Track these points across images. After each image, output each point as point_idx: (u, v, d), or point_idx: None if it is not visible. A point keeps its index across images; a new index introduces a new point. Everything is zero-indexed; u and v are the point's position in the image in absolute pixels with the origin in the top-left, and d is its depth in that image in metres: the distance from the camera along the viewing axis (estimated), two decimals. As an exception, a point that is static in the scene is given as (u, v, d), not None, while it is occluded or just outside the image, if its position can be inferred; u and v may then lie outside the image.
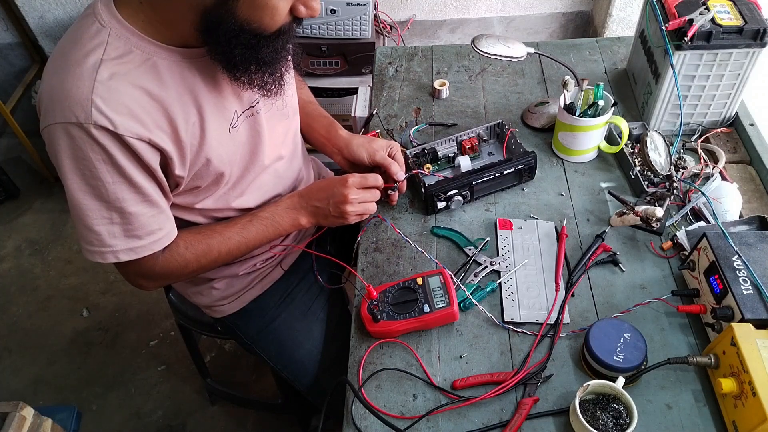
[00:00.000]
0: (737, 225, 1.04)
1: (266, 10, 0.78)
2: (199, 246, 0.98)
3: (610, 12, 2.19)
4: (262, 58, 0.84)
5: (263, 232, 1.02)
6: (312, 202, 1.03)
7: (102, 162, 0.81)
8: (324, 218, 1.03)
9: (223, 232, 1.00)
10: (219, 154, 0.92)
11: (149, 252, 0.91)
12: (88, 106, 0.78)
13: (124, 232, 0.88)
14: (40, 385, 1.91)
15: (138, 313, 2.08)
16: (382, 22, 2.23)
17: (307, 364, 1.20)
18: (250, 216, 1.02)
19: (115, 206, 0.85)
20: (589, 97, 1.16)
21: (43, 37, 2.30)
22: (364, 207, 1.01)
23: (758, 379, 0.77)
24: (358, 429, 0.87)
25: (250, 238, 1.01)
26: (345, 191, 0.99)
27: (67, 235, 2.33)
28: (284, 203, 1.04)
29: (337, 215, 1.01)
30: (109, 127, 0.79)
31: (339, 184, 1.00)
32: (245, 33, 0.79)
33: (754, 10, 1.11)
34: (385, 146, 1.12)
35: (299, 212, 1.03)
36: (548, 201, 1.16)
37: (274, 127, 1.03)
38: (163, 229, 0.92)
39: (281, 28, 0.82)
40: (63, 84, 0.79)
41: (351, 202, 0.99)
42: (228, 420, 1.80)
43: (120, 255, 0.89)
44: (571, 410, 0.84)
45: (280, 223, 1.03)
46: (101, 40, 0.80)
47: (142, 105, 0.82)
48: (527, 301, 1.00)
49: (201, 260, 0.99)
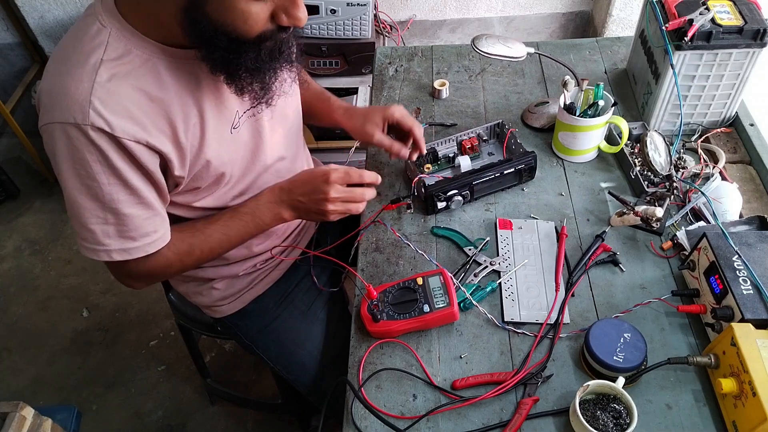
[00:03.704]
0: (737, 225, 1.04)
1: (236, 13, 0.75)
2: (180, 245, 0.96)
3: (610, 12, 2.19)
4: (244, 63, 0.82)
5: (245, 227, 0.99)
6: (294, 196, 0.98)
7: (98, 163, 0.81)
8: (306, 214, 1.00)
9: (204, 230, 0.98)
10: (220, 155, 0.92)
11: (143, 253, 0.90)
12: (86, 107, 0.78)
13: (118, 233, 0.87)
14: (40, 385, 1.91)
15: (138, 313, 2.08)
16: (382, 22, 2.23)
17: (307, 364, 1.20)
18: (231, 212, 0.99)
19: (110, 207, 0.85)
20: (589, 97, 1.16)
21: (43, 37, 2.30)
22: (345, 207, 0.96)
23: (758, 379, 0.77)
24: (358, 429, 0.87)
25: (232, 235, 0.99)
26: (326, 188, 0.94)
27: (67, 235, 2.33)
28: (265, 197, 1.00)
29: (317, 213, 0.97)
30: (106, 129, 0.79)
31: (321, 180, 0.95)
32: (221, 36, 0.78)
33: (754, 10, 1.11)
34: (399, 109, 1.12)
35: (281, 206, 0.99)
36: (548, 201, 1.16)
37: (276, 128, 1.03)
38: (158, 231, 0.91)
39: (262, 34, 0.79)
40: (62, 84, 0.79)
41: (332, 201, 0.94)
42: (228, 420, 1.80)
43: (113, 255, 0.89)
44: (571, 410, 0.84)
45: (262, 218, 0.99)
46: (101, 40, 0.80)
47: (141, 107, 0.81)
48: (527, 301, 1.00)
49: (184, 260, 0.98)
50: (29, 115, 2.42)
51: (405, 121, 1.12)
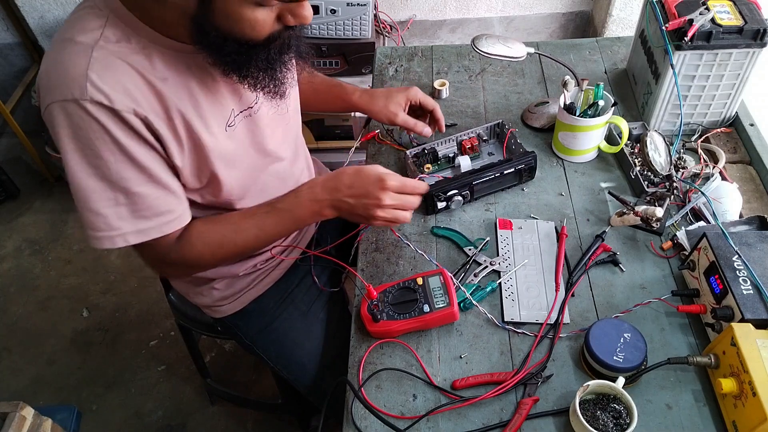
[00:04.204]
0: (737, 225, 1.04)
1: (244, 22, 0.76)
2: (214, 237, 0.94)
3: (610, 12, 2.19)
4: (256, 64, 0.82)
5: (282, 224, 0.96)
6: (340, 196, 0.93)
7: (101, 140, 0.80)
8: (349, 215, 0.95)
9: (240, 223, 0.96)
10: (217, 151, 0.91)
11: (159, 234, 0.88)
12: (84, 81, 0.77)
13: (131, 213, 0.85)
14: (40, 385, 1.91)
15: (138, 313, 2.08)
16: (382, 22, 2.23)
17: (307, 364, 1.20)
18: (268, 207, 0.97)
19: (119, 186, 0.83)
20: (589, 97, 1.16)
21: (43, 37, 2.30)
22: (394, 214, 0.93)
23: (758, 379, 0.77)
24: (358, 429, 0.87)
25: (268, 231, 0.97)
26: (380, 194, 0.90)
27: (67, 235, 2.34)
28: (306, 194, 0.95)
29: (363, 216, 0.93)
30: (105, 102, 0.78)
31: (376, 186, 0.91)
32: (230, 42, 0.78)
33: (754, 10, 1.11)
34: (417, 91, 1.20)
35: (322, 204, 0.94)
36: (548, 201, 1.16)
37: (274, 129, 1.03)
38: (174, 211, 0.89)
39: (271, 35, 0.80)
40: (59, 62, 0.79)
41: (383, 208, 0.91)
42: (228, 420, 1.81)
43: (129, 238, 0.86)
44: (571, 410, 0.84)
45: (301, 215, 0.95)
46: (99, 24, 0.80)
47: (137, 86, 0.81)
48: (527, 301, 1.00)
49: (216, 252, 0.96)
50: (29, 115, 2.42)
51: (427, 101, 1.21)
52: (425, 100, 1.20)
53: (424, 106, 1.21)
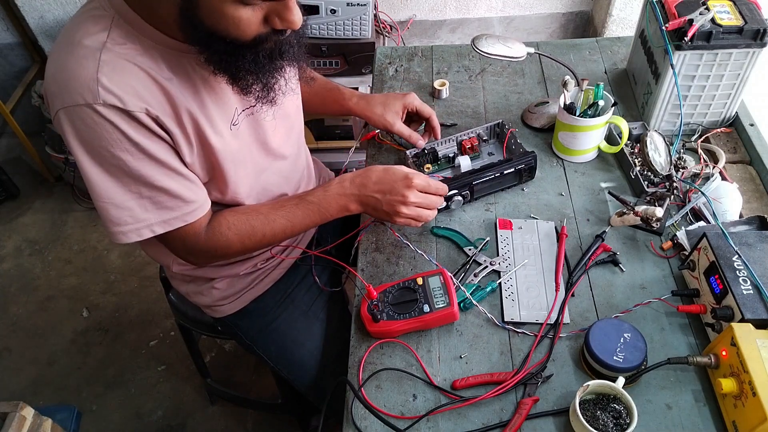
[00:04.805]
0: (737, 225, 1.04)
1: (227, 19, 0.75)
2: (243, 227, 0.97)
3: (610, 12, 2.19)
4: (243, 65, 0.82)
5: (310, 216, 1.00)
6: (368, 192, 0.98)
7: (117, 141, 0.81)
8: (374, 210, 1.00)
9: (269, 214, 0.99)
10: (223, 150, 0.92)
11: (182, 223, 0.90)
12: (95, 85, 0.77)
13: (155, 205, 0.87)
14: (40, 385, 1.91)
15: (138, 313, 2.08)
16: (382, 22, 2.23)
17: (307, 364, 1.20)
18: (298, 199, 1.01)
19: (141, 181, 0.85)
20: (589, 97, 1.16)
21: (43, 37, 2.30)
22: (418, 212, 0.97)
23: (758, 379, 0.77)
24: (358, 429, 0.87)
25: (296, 222, 1.00)
26: (406, 192, 0.95)
27: (67, 235, 2.34)
28: (334, 188, 1.00)
29: (388, 212, 0.98)
30: (118, 104, 0.78)
31: (402, 183, 0.96)
32: (216, 40, 0.78)
33: (754, 10, 1.11)
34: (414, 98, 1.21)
35: (350, 199, 0.99)
36: (548, 201, 1.16)
37: (277, 127, 1.03)
38: (196, 201, 0.91)
39: (258, 37, 0.79)
40: (66, 67, 0.79)
41: (408, 205, 0.96)
42: (228, 420, 1.81)
43: (155, 228, 0.88)
44: (571, 410, 0.84)
45: (328, 209, 1.00)
46: (104, 25, 0.81)
47: (146, 86, 0.82)
48: (527, 301, 1.00)
49: (245, 241, 0.98)
50: (29, 115, 2.42)
51: (424, 109, 1.21)
52: (422, 108, 1.20)
53: (421, 114, 1.21)
